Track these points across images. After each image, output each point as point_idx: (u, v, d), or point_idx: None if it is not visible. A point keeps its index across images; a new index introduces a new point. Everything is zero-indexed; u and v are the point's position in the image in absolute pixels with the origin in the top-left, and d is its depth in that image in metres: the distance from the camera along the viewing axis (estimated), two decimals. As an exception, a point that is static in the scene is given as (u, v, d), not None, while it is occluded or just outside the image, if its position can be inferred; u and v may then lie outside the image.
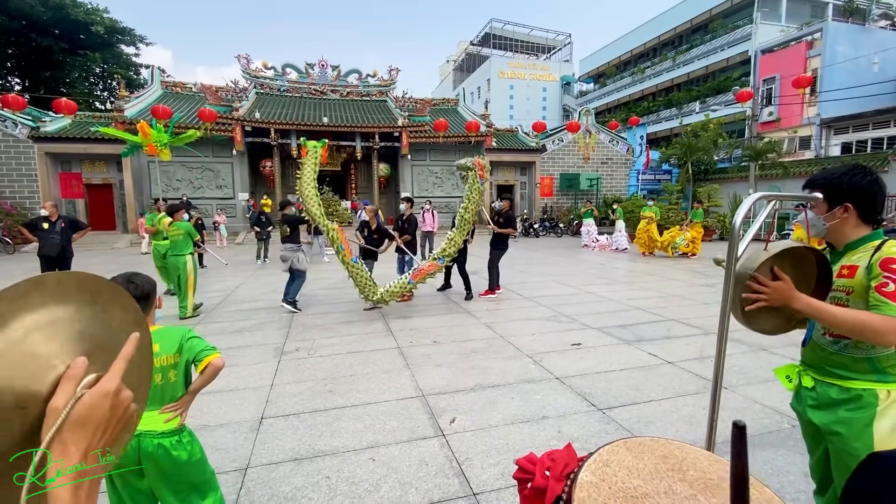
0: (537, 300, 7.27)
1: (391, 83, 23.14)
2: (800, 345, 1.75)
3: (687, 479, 0.97)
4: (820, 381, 1.62)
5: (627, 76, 36.63)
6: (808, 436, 1.74)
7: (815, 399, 1.63)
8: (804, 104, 21.05)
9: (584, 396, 3.64)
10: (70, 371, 0.55)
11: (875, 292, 1.40)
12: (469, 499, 2.38)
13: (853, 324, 1.39)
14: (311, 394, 3.73)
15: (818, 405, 1.61)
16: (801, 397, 1.70)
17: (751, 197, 1.57)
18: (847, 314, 1.41)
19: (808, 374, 1.67)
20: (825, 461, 1.68)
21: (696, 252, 12.67)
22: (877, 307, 1.39)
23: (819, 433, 1.65)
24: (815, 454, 1.72)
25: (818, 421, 1.60)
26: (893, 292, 1.36)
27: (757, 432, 3.04)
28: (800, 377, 1.69)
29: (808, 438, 1.74)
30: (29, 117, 17.30)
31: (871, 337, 1.37)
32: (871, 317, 1.38)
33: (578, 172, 23.23)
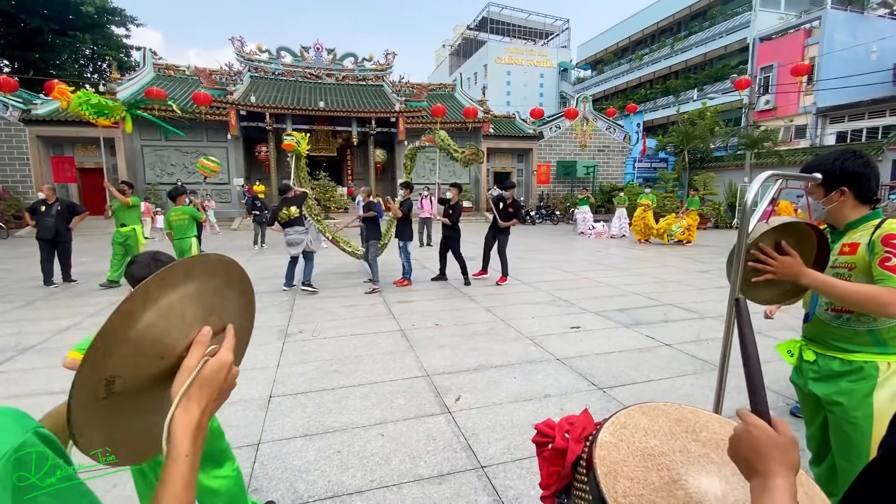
0: (536, 285, 7.35)
1: (387, 67, 22.88)
2: (794, 329, 1.83)
3: (700, 439, 1.03)
4: (822, 355, 1.69)
5: (625, 63, 36.42)
6: (806, 407, 1.83)
7: (816, 372, 1.71)
8: (801, 93, 21.08)
9: (585, 376, 3.74)
10: (199, 337, 0.65)
11: (879, 267, 1.47)
12: (477, 471, 2.47)
13: (859, 297, 1.46)
14: (317, 374, 3.80)
15: (820, 377, 1.69)
16: (803, 371, 1.78)
17: (762, 174, 1.62)
18: (854, 288, 1.48)
19: (810, 349, 1.74)
20: (822, 432, 1.76)
21: (692, 239, 12.80)
22: (881, 280, 1.46)
23: (818, 405, 1.74)
24: (812, 425, 1.81)
25: (820, 392, 1.68)
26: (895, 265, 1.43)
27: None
28: (801, 352, 1.77)
29: (807, 410, 1.83)
30: (20, 100, 16.97)
31: (876, 309, 1.44)
32: (876, 289, 1.45)
33: (575, 160, 23.22)
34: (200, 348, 0.63)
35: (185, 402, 0.60)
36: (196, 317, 0.66)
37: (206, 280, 0.69)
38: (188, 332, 0.65)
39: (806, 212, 1.72)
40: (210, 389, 0.62)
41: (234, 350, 0.69)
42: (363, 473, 2.45)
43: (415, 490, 2.31)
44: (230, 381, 0.66)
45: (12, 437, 0.43)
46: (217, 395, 0.63)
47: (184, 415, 0.59)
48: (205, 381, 0.61)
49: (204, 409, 0.61)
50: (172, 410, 0.59)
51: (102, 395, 0.57)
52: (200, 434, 0.60)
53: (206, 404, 0.61)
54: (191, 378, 0.60)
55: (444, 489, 2.31)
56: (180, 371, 0.62)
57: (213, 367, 0.62)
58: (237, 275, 0.76)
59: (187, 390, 0.60)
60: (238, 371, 0.68)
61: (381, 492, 2.30)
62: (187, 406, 0.60)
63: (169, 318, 0.62)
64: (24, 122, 16.72)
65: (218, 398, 0.64)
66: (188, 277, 0.65)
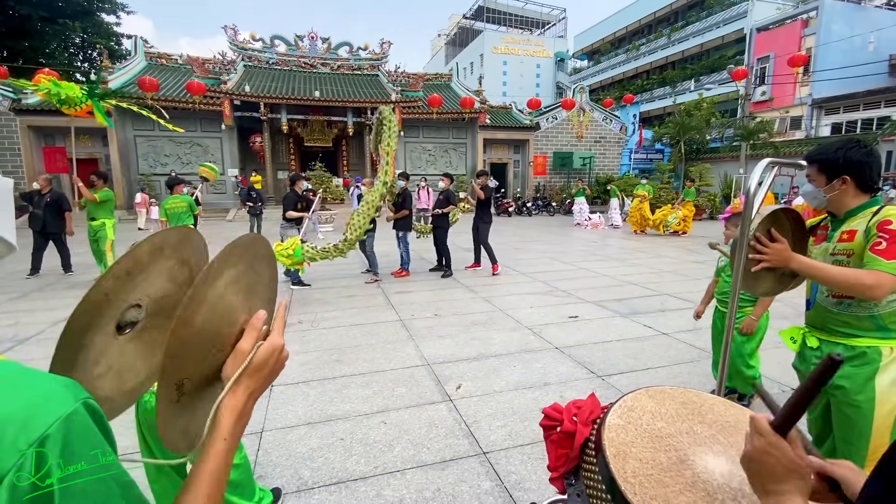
0: (533, 276, 7.39)
1: (383, 57, 22.64)
2: (789, 318, 1.86)
3: (706, 421, 1.05)
4: (825, 341, 1.72)
5: (622, 53, 36.27)
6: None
7: (819, 358, 1.74)
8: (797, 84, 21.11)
9: (584, 365, 3.78)
10: (254, 321, 0.64)
11: (868, 251, 1.51)
12: (479, 457, 2.50)
13: (844, 279, 1.50)
14: (318, 363, 3.82)
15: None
16: (806, 357, 1.81)
17: (762, 161, 1.64)
18: (839, 271, 1.53)
19: (814, 335, 1.77)
20: (823, 416, 1.80)
21: (688, 230, 12.87)
22: (868, 263, 1.50)
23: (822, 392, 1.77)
24: (814, 410, 1.84)
25: None
26: (884, 249, 1.48)
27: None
28: (804, 338, 1.80)
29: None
30: (10, 89, 16.66)
31: (860, 290, 1.49)
32: (860, 272, 1.49)
33: (572, 151, 23.18)
34: (254, 332, 0.63)
35: (234, 386, 0.60)
36: (239, 301, 0.66)
37: (240, 262, 0.69)
38: (238, 316, 0.65)
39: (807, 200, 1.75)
40: (260, 374, 0.62)
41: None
42: (367, 460, 2.48)
43: (418, 476, 2.34)
44: (280, 364, 0.65)
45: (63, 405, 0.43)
46: (267, 379, 0.63)
47: (231, 399, 0.59)
48: (257, 366, 0.61)
49: (251, 393, 0.61)
50: (224, 394, 0.59)
51: (176, 398, 0.58)
52: (243, 419, 0.60)
53: (253, 389, 0.61)
54: (245, 363, 0.60)
55: (447, 475, 2.35)
56: (234, 353, 0.62)
57: (265, 351, 0.62)
58: (263, 247, 0.77)
59: (240, 375, 0.60)
60: (288, 354, 0.67)
61: (385, 478, 2.33)
62: (235, 390, 0.60)
63: (218, 311, 0.62)
64: (14, 112, 16.44)
65: (266, 382, 0.63)
66: (226, 266, 0.65)
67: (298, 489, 2.26)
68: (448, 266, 7.49)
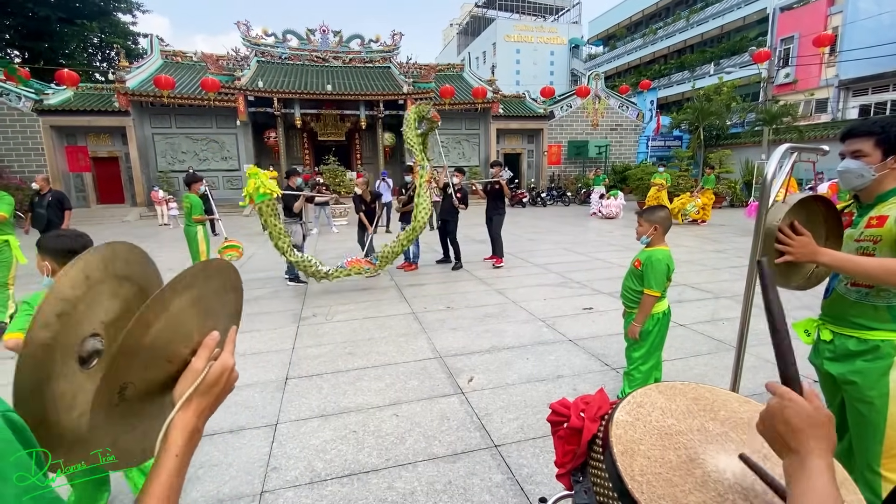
0: (547, 267, 7.32)
1: (394, 48, 22.53)
2: (811, 308, 1.79)
3: (718, 418, 1.02)
4: (838, 334, 1.66)
5: (638, 38, 35.37)
6: (825, 388, 1.80)
7: (832, 351, 1.68)
8: (823, 65, 20.31)
9: (598, 357, 3.73)
10: (207, 340, 0.65)
11: None
12: (491, 450, 2.50)
13: (879, 271, 1.41)
14: (331, 356, 3.86)
15: (835, 357, 1.66)
16: (819, 350, 1.75)
17: (781, 147, 1.56)
18: (872, 262, 1.43)
19: (827, 328, 1.71)
20: (841, 412, 1.74)
21: (707, 219, 12.58)
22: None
23: (835, 385, 1.71)
24: (830, 406, 1.78)
25: (835, 372, 1.65)
26: None
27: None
28: (818, 331, 1.74)
29: (825, 390, 1.80)
30: (32, 90, 17.10)
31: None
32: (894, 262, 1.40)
33: (587, 140, 22.80)
34: (207, 352, 0.64)
35: (186, 404, 0.60)
36: (198, 321, 0.67)
37: (208, 283, 0.70)
38: (193, 335, 0.65)
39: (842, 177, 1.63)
40: (211, 394, 0.63)
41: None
42: (379, 452, 2.50)
43: (430, 468, 2.35)
44: (230, 384, 0.66)
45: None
46: (217, 398, 0.64)
47: (182, 417, 0.60)
48: (208, 385, 0.62)
49: (202, 412, 0.62)
50: (175, 411, 0.59)
51: (115, 402, 0.57)
52: (195, 437, 0.61)
53: (204, 408, 0.62)
54: (198, 381, 0.61)
55: (459, 467, 2.35)
56: (186, 373, 0.62)
57: (216, 371, 0.63)
58: (234, 277, 0.77)
59: (192, 394, 0.61)
60: (238, 375, 0.68)
61: (397, 470, 2.34)
62: (186, 408, 0.60)
63: (178, 323, 0.62)
64: (36, 112, 16.88)
65: (216, 402, 0.65)
66: (194, 282, 0.66)
67: (312, 481, 2.29)
68: (458, 258, 7.46)
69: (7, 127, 16.84)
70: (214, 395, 0.63)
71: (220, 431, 2.74)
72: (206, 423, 0.64)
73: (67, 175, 17.79)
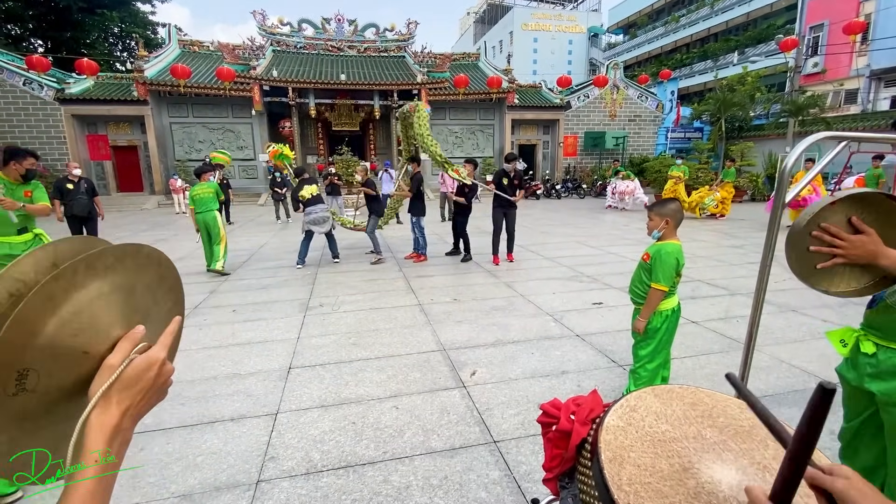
0: (558, 260, 7.21)
1: (409, 37, 22.33)
2: (831, 307, 1.65)
3: (717, 425, 0.95)
4: (884, 347, 1.47)
5: (660, 26, 34.43)
6: (852, 401, 1.63)
7: (875, 366, 1.49)
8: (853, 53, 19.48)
9: (605, 353, 3.65)
10: (129, 335, 0.60)
11: None
12: (489, 446, 2.45)
13: None
14: (335, 346, 3.85)
15: (879, 373, 1.47)
16: (859, 364, 1.55)
17: (812, 136, 1.42)
18: None
19: (870, 339, 1.51)
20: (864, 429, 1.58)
21: (726, 213, 12.25)
22: None
23: (869, 402, 1.54)
24: (853, 420, 1.62)
25: (877, 390, 1.46)
26: None
27: (782, 391, 3.01)
28: (857, 342, 1.55)
29: (852, 404, 1.63)
30: (53, 79, 17.44)
31: None
32: None
33: (604, 130, 22.35)
34: (127, 345, 0.58)
35: (104, 402, 0.54)
36: (125, 314, 0.61)
37: (139, 275, 0.64)
38: (115, 328, 0.60)
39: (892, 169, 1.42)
40: (135, 390, 0.57)
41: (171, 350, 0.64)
42: (376, 445, 2.48)
43: (426, 462, 2.32)
44: (161, 380, 0.60)
45: None
46: (144, 396, 0.58)
47: (101, 416, 0.54)
48: (129, 381, 0.56)
49: (125, 410, 0.56)
50: (88, 411, 0.54)
51: (12, 390, 0.51)
52: (118, 438, 0.55)
53: (128, 406, 0.56)
54: (113, 377, 0.55)
55: (456, 462, 2.32)
56: (101, 370, 0.57)
57: (139, 365, 0.57)
58: (171, 274, 0.71)
59: (107, 390, 0.55)
60: (173, 369, 0.62)
61: (394, 463, 2.32)
62: (106, 407, 0.54)
63: (95, 308, 0.57)
64: (59, 102, 17.23)
65: (146, 399, 0.59)
66: (120, 267, 0.60)
67: (308, 471, 2.28)
68: (467, 250, 7.39)
69: (30, 115, 17.24)
70: (142, 392, 0.57)
71: (221, 419, 2.76)
72: (135, 424, 0.58)
73: (88, 163, 18.15)
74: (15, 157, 3.68)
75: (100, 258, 0.57)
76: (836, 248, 1.31)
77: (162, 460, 2.38)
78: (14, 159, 3.68)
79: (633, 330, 2.74)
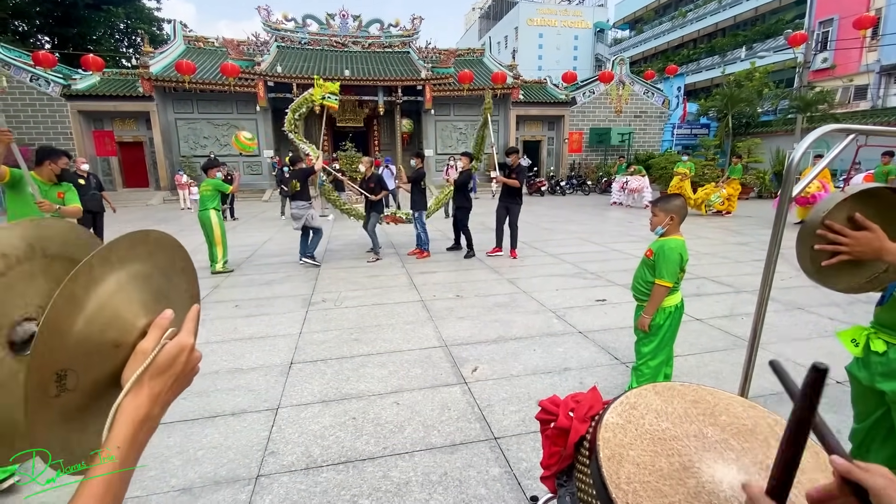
0: (561, 257, 7.17)
1: (414, 33, 22.25)
2: (841, 305, 1.62)
3: (719, 423, 0.93)
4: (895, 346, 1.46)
5: (667, 21, 34.10)
6: (862, 401, 1.61)
7: (886, 365, 1.47)
8: (863, 48, 19.20)
9: (608, 350, 3.63)
10: (158, 320, 0.59)
11: None
12: (490, 442, 2.44)
13: None
14: (337, 342, 3.85)
15: (890, 372, 1.46)
16: (869, 363, 1.53)
17: (819, 129, 1.39)
18: None
19: (881, 338, 1.50)
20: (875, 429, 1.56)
21: (732, 210, 12.13)
22: None
23: (880, 401, 1.52)
24: (863, 421, 1.60)
25: (889, 389, 1.44)
26: None
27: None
28: (868, 341, 1.53)
29: (862, 404, 1.61)
30: (60, 75, 17.52)
31: None
32: None
33: (609, 127, 22.19)
34: (158, 331, 0.58)
35: (137, 388, 0.54)
36: (146, 302, 0.61)
37: (152, 260, 0.64)
38: (141, 316, 0.59)
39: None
40: (166, 376, 0.57)
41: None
42: (376, 440, 2.47)
43: (426, 458, 2.31)
44: (190, 366, 0.60)
45: None
46: (174, 382, 0.58)
47: (133, 401, 0.54)
48: (161, 367, 0.56)
49: (156, 397, 0.55)
50: (122, 396, 0.53)
51: (54, 392, 0.51)
52: (146, 425, 0.54)
53: (158, 392, 0.56)
54: (146, 362, 0.55)
55: (456, 459, 2.30)
56: (134, 355, 0.56)
57: (170, 351, 0.57)
58: (180, 254, 0.71)
59: (141, 375, 0.55)
60: (200, 356, 0.62)
61: (393, 459, 2.31)
62: (137, 393, 0.54)
63: (118, 300, 0.56)
64: (65, 98, 17.31)
65: (175, 386, 0.58)
66: (133, 255, 0.60)
67: (308, 466, 2.27)
68: (470, 246, 7.37)
69: (37, 111, 17.34)
70: (172, 378, 0.57)
71: (223, 414, 2.76)
72: (164, 411, 0.58)
73: (95, 159, 18.25)
74: (50, 157, 3.71)
75: (112, 250, 0.57)
76: (840, 245, 1.29)
77: (163, 454, 2.38)
78: (49, 158, 3.71)
79: (638, 327, 2.71)
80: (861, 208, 1.31)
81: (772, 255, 1.63)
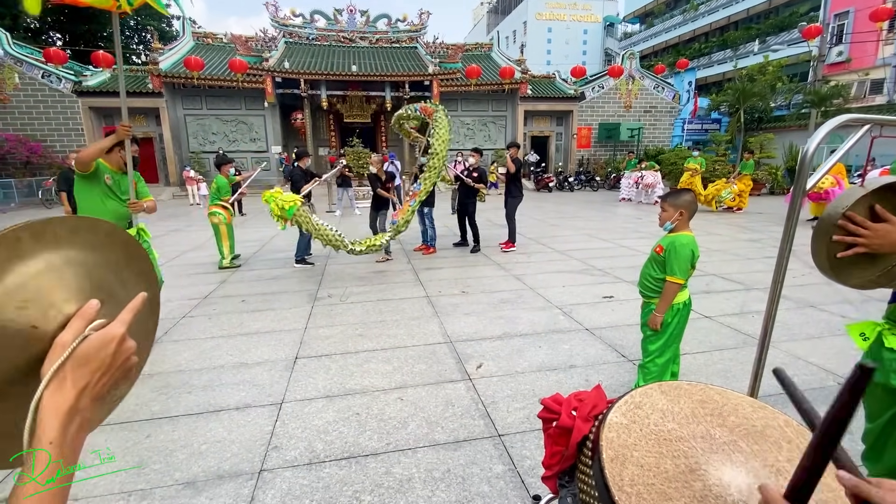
0: (569, 253, 7.11)
1: (421, 27, 22.14)
2: (854, 302, 1.57)
3: (727, 424, 0.90)
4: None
5: (678, 14, 33.59)
6: (873, 399, 1.56)
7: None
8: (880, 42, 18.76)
9: (615, 347, 3.58)
10: (82, 310, 0.56)
11: None
12: (494, 439, 2.42)
13: None
14: (342, 337, 3.85)
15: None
16: (883, 360, 1.49)
17: (833, 120, 1.35)
18: None
19: (894, 333, 1.46)
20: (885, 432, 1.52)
21: (743, 206, 11.96)
22: None
23: (892, 400, 1.47)
24: (875, 420, 1.55)
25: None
26: None
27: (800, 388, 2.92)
28: (880, 336, 1.49)
29: (874, 402, 1.56)
30: (71, 72, 17.70)
31: None
32: None
33: (619, 122, 21.94)
34: (81, 321, 0.55)
35: (58, 382, 0.51)
36: (82, 291, 0.57)
37: (98, 252, 0.61)
38: (72, 302, 0.56)
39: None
40: (91, 367, 0.53)
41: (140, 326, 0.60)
42: (380, 436, 2.46)
43: (429, 455, 2.29)
44: (122, 357, 0.56)
45: None
46: (105, 374, 0.54)
47: (55, 396, 0.50)
48: (84, 358, 0.53)
49: (82, 390, 0.52)
50: (40, 390, 0.50)
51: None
52: (76, 420, 0.51)
53: (85, 384, 0.52)
54: (65, 354, 0.52)
55: (459, 455, 2.29)
56: (53, 348, 0.53)
57: (94, 342, 0.54)
58: (140, 256, 0.67)
59: (59, 368, 0.51)
60: (134, 346, 0.58)
61: (396, 455, 2.30)
62: (60, 386, 0.51)
63: (45, 280, 0.53)
64: (76, 94, 17.49)
65: (105, 378, 0.55)
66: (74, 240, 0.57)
67: (310, 462, 2.27)
68: (476, 241, 7.33)
69: (49, 108, 17.55)
70: (99, 370, 0.54)
71: (227, 408, 2.77)
72: (96, 405, 0.54)
73: (105, 155, 18.44)
74: (119, 143, 3.47)
75: (47, 227, 0.55)
76: (859, 237, 1.27)
77: (167, 447, 2.39)
78: (118, 145, 3.47)
79: (648, 325, 2.67)
80: (882, 202, 1.30)
81: (784, 252, 1.58)
